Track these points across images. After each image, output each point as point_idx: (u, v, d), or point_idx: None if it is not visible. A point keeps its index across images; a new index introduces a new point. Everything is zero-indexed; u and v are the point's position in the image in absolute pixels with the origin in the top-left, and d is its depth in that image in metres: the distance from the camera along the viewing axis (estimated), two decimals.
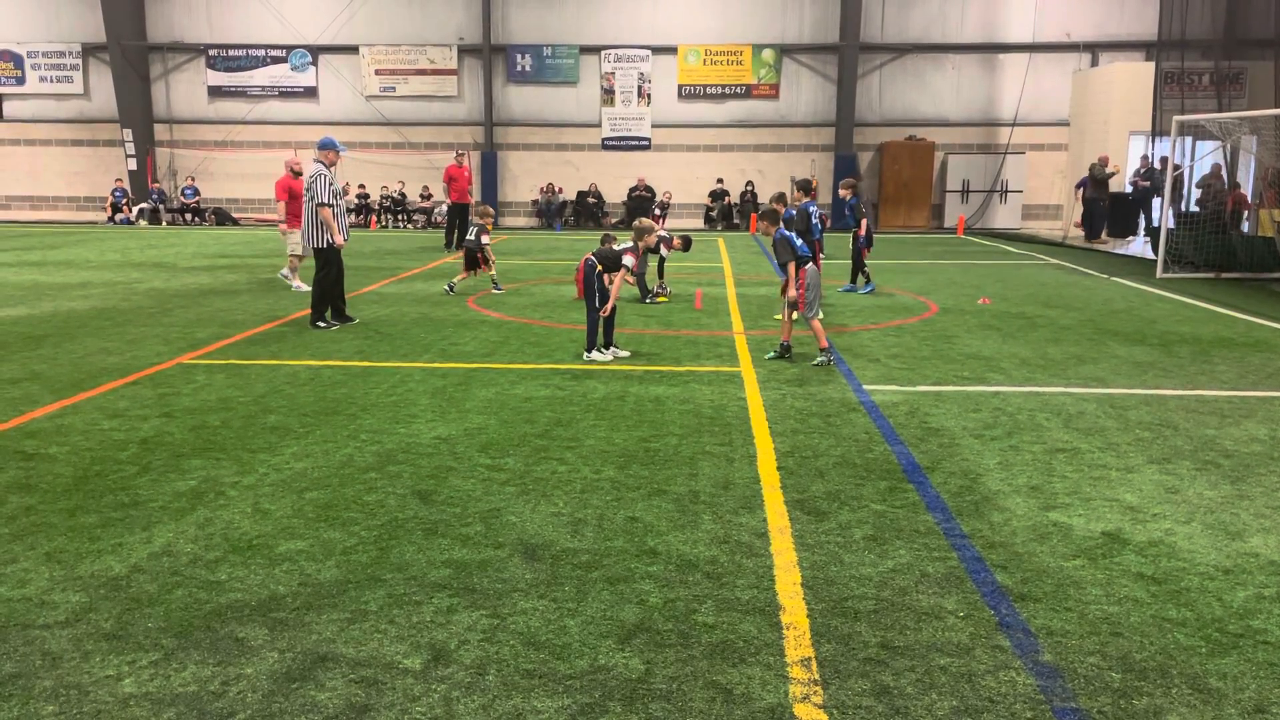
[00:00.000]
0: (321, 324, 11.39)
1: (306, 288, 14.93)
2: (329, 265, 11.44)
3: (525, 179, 30.23)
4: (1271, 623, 4.15)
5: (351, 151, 30.15)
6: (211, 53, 30.09)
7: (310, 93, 30.18)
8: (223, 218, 30.20)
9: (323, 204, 11.11)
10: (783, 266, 9.43)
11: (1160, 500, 5.64)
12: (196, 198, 30.13)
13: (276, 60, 30.08)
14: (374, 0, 29.57)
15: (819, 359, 9.31)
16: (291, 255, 15.21)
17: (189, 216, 29.87)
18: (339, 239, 11.30)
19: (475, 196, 28.12)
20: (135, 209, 29.76)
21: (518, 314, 12.49)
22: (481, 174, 29.64)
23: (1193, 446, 6.70)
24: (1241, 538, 5.09)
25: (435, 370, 9.09)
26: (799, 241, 9.49)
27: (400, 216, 29.66)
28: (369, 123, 30.14)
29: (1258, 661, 3.83)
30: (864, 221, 14.96)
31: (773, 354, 9.72)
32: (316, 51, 29.91)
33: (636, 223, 10.47)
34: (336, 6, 29.59)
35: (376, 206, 29.75)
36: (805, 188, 12.80)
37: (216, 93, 30.34)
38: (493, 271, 14.68)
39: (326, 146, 11.33)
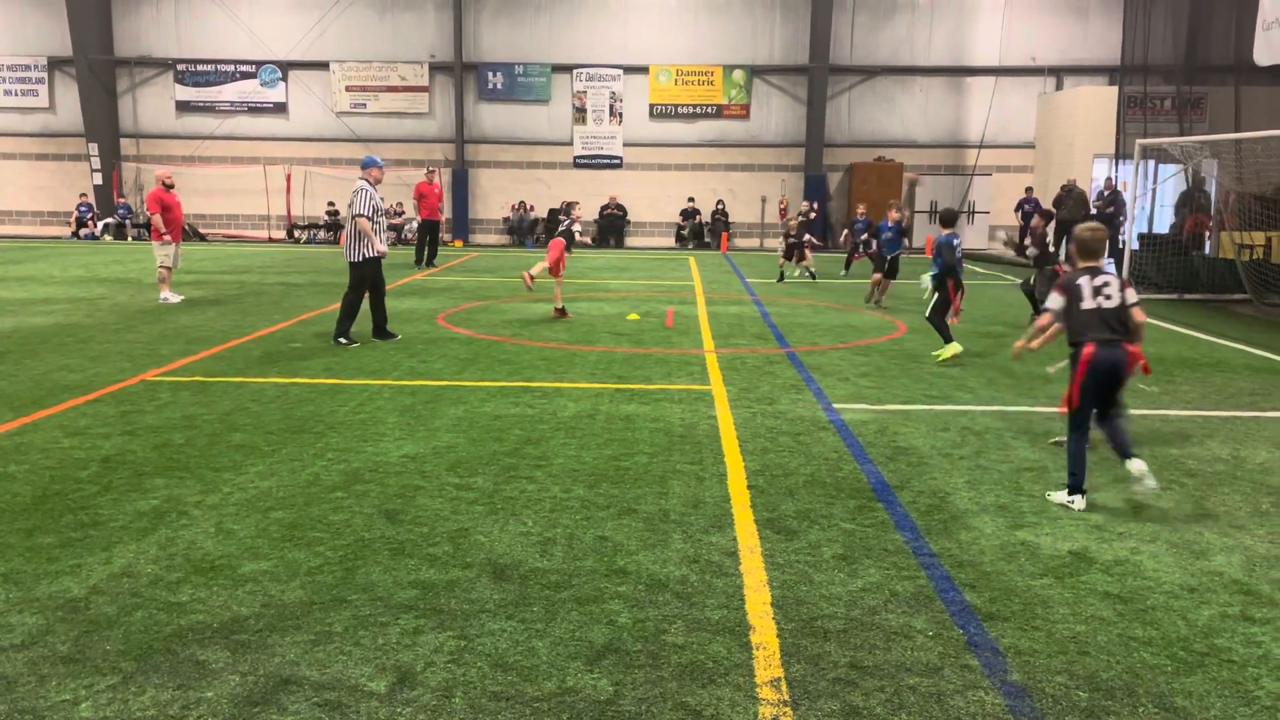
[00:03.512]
0: (344, 340, 11.36)
1: (176, 298, 14.86)
2: (364, 282, 11.46)
3: (496, 196, 30.19)
4: (1235, 641, 4.18)
5: (321, 168, 30.02)
6: (180, 67, 29.86)
7: (280, 108, 30.01)
8: (189, 234, 29.87)
9: (360, 214, 11.29)
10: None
11: (1125, 519, 5.69)
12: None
13: (246, 75, 29.90)
14: (345, 17, 29.50)
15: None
16: (161, 268, 14.90)
17: None
18: (380, 247, 11.42)
19: (446, 214, 28.06)
20: (100, 224, 29.41)
21: (488, 331, 12.44)
22: (453, 191, 29.57)
23: (1157, 466, 6.77)
24: (1205, 556, 5.14)
25: (404, 388, 9.03)
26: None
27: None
28: (339, 139, 30.01)
29: (1222, 680, 3.86)
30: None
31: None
32: (286, 67, 29.76)
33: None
34: (307, 22, 29.49)
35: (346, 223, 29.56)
36: (949, 220, 10.99)
37: (185, 108, 30.09)
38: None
39: (369, 165, 11.62)
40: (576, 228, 13.93)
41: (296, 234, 29.79)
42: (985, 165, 29.16)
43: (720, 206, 29.55)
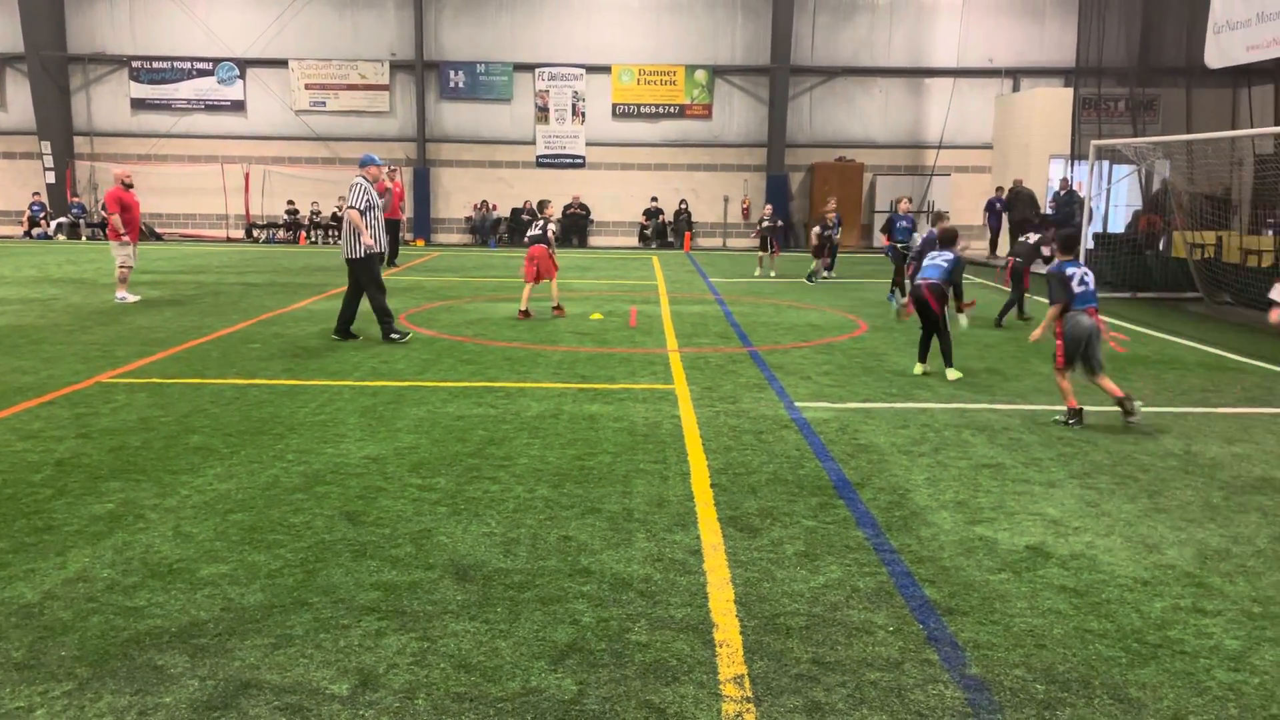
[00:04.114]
0: (395, 335, 11.44)
1: (134, 298, 14.73)
2: (375, 276, 11.60)
3: (458, 196, 30.03)
4: (1188, 633, 4.27)
5: (280, 167, 29.69)
6: (135, 64, 29.38)
7: (238, 106, 29.64)
8: (146, 233, 29.40)
9: (352, 207, 11.44)
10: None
11: (1081, 514, 5.79)
12: None
13: (203, 73, 29.49)
14: (304, 14, 29.19)
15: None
16: (122, 267, 14.73)
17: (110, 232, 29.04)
18: (367, 240, 11.49)
19: (407, 213, 27.87)
20: (53, 223, 28.87)
21: (450, 331, 12.37)
22: (414, 190, 29.37)
23: (1111, 461, 6.89)
24: (1158, 550, 5.24)
25: (365, 389, 8.96)
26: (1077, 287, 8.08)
27: (332, 232, 29.26)
28: (298, 137, 29.69)
29: (1175, 671, 3.93)
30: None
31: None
32: (244, 65, 29.40)
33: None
34: (265, 20, 29.15)
35: (306, 222, 29.30)
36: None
37: (140, 105, 29.62)
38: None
39: (367, 163, 11.76)
40: (551, 227, 13.91)
41: (255, 234, 29.44)
42: (944, 166, 29.48)
43: (683, 206, 29.62)
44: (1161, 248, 19.17)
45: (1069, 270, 8.03)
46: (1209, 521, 5.69)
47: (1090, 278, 8.11)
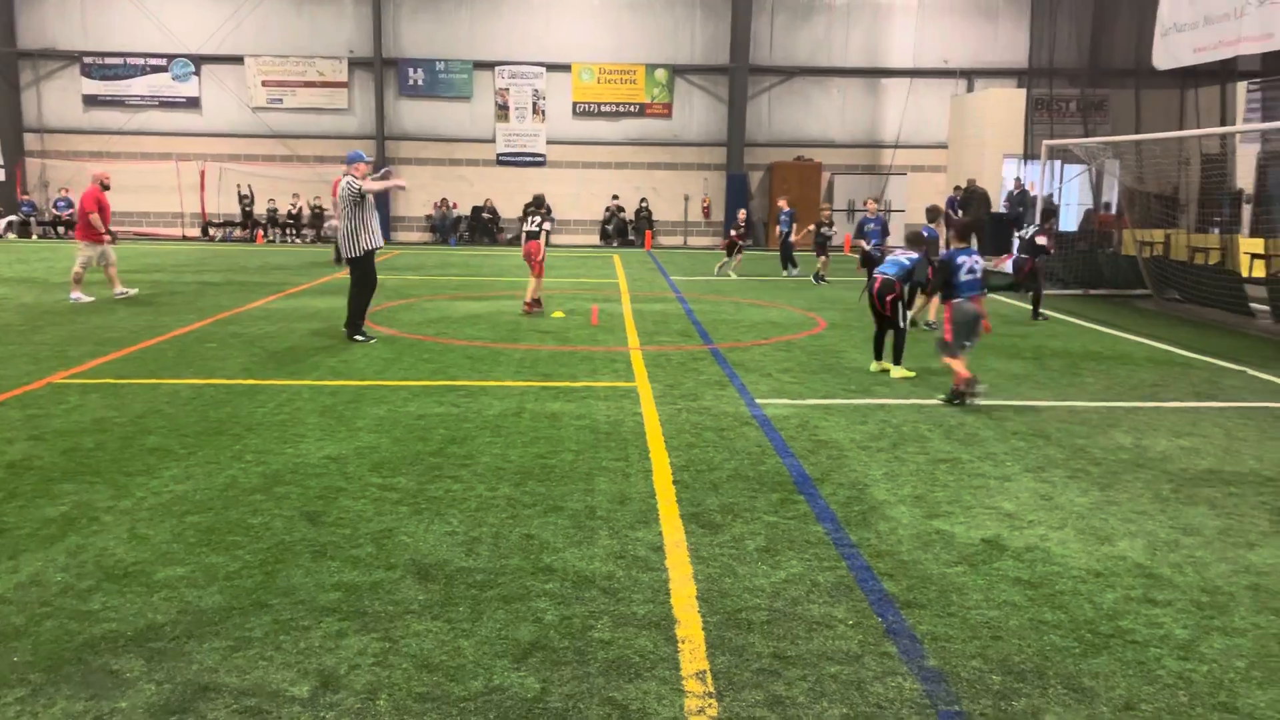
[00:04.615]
0: (360, 337, 11.38)
1: (88, 299, 14.57)
2: (367, 276, 11.58)
3: (418, 194, 29.82)
4: (1139, 623, 4.37)
5: (236, 164, 29.29)
6: (87, 60, 28.83)
7: (193, 103, 29.21)
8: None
9: (358, 194, 11.52)
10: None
11: (1035, 507, 5.89)
12: (70, 210, 28.76)
13: (157, 69, 29.01)
14: (260, 10, 28.82)
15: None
16: (78, 269, 14.60)
17: (61, 229, 28.50)
18: (397, 182, 11.92)
19: None
20: (3, 222, 28.24)
21: (411, 330, 12.30)
22: None
23: (1064, 455, 7.02)
24: (1110, 542, 5.35)
25: (325, 388, 8.88)
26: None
27: (290, 231, 28.94)
28: (255, 135, 29.32)
29: (1127, 660, 4.03)
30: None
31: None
32: (199, 61, 28.97)
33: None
34: (220, 16, 28.74)
35: (264, 220, 28.94)
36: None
37: (92, 102, 29.07)
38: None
39: (354, 160, 11.73)
40: (547, 226, 13.94)
41: (212, 232, 29.03)
42: (901, 165, 29.78)
43: (644, 204, 29.66)
44: (1112, 246, 19.52)
45: (959, 259, 8.58)
46: (1159, 513, 5.82)
47: (980, 267, 8.67)
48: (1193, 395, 9.19)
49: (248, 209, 29.00)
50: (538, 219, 13.85)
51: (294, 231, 29.05)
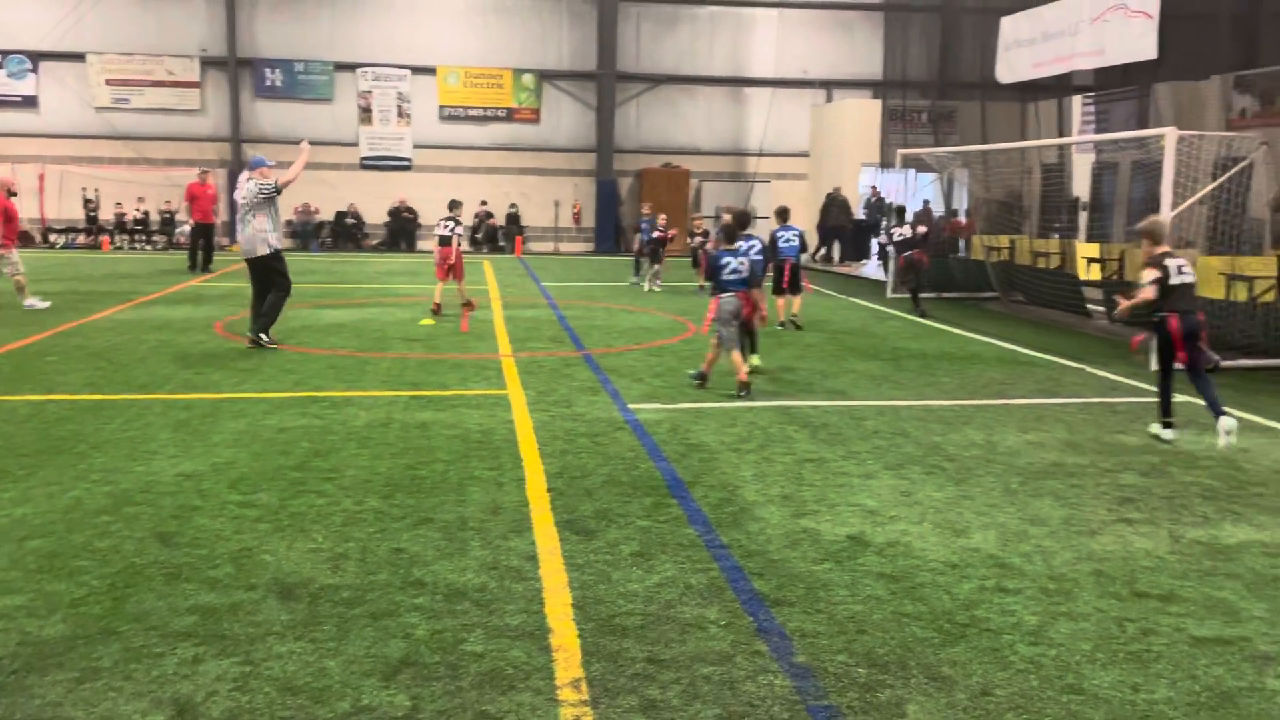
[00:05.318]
0: (266, 338, 11.19)
1: (44, 305, 14.26)
2: (285, 272, 11.39)
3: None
4: (993, 611, 4.58)
5: (79, 167, 27.70)
6: None
7: (29, 102, 27.48)
8: None
9: (287, 180, 11.60)
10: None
11: (896, 503, 6.12)
12: None
13: None
14: (103, 5, 27.34)
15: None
16: (18, 277, 14.32)
17: None
18: (300, 163, 12.10)
19: (222, 216, 26.55)
20: None
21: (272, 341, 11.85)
22: (229, 193, 27.94)
23: (922, 452, 7.31)
24: (965, 534, 5.59)
25: (178, 402, 8.48)
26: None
27: (139, 237, 27.54)
28: (100, 136, 27.79)
29: (982, 648, 4.21)
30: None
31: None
32: (36, 58, 27.27)
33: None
34: (60, 11, 27.12)
35: (110, 226, 27.45)
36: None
37: None
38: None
39: (258, 165, 11.67)
40: (459, 230, 14.46)
41: (52, 238, 27.36)
42: (765, 172, 30.48)
43: (514, 210, 29.47)
44: (961, 251, 20.46)
45: (724, 259, 9.18)
46: (1009, 505, 6.12)
47: (744, 267, 9.20)
48: (1038, 392, 9.71)
49: (92, 214, 27.48)
50: (451, 224, 14.26)
51: (143, 237, 27.67)
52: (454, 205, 14.66)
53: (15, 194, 14.67)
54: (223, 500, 5.89)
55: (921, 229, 15.38)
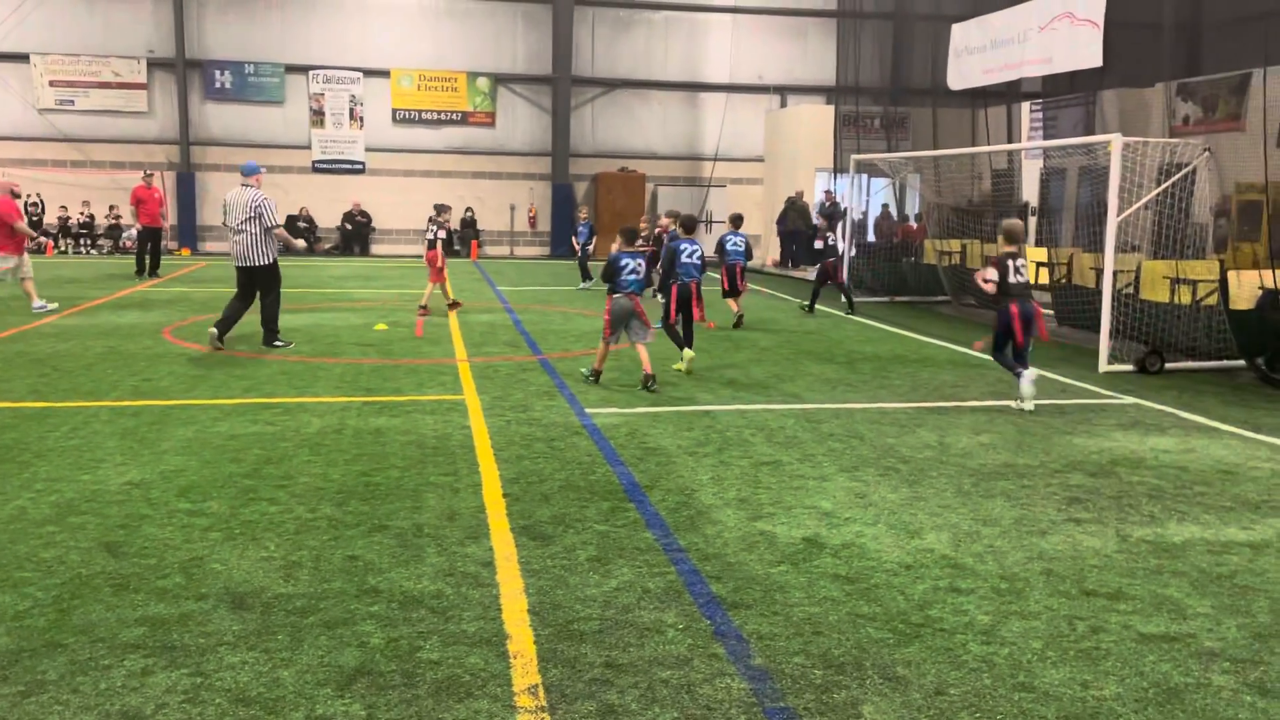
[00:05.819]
0: (280, 343, 11.58)
1: (52, 305, 14.46)
2: (280, 281, 11.80)
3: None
4: (946, 611, 4.64)
5: (23, 170, 27.04)
6: None
7: None
8: None
9: (279, 225, 11.73)
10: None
11: (851, 505, 6.17)
12: None
13: None
14: (47, 6, 26.75)
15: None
16: (25, 280, 14.45)
17: None
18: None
19: (170, 219, 26.10)
20: None
21: (221, 345, 11.67)
22: (178, 196, 27.55)
23: (876, 454, 7.38)
24: (919, 535, 5.66)
25: (125, 409, 8.32)
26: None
27: (85, 241, 26.98)
28: (43, 138, 27.18)
29: (936, 648, 4.26)
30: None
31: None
32: None
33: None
34: (3, 11, 26.46)
35: (55, 230, 26.86)
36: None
37: None
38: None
39: (254, 171, 11.63)
40: (441, 235, 14.93)
41: None
42: (721, 177, 30.61)
43: (469, 214, 29.30)
44: (913, 255, 20.70)
45: (623, 260, 9.63)
46: (961, 506, 6.20)
47: (643, 269, 9.84)
48: (989, 394, 9.85)
49: (36, 218, 26.86)
50: (434, 228, 14.85)
51: (88, 242, 27.11)
52: (441, 209, 15.22)
53: (19, 195, 14.61)
54: (172, 509, 5.78)
55: (830, 238, 16.16)
